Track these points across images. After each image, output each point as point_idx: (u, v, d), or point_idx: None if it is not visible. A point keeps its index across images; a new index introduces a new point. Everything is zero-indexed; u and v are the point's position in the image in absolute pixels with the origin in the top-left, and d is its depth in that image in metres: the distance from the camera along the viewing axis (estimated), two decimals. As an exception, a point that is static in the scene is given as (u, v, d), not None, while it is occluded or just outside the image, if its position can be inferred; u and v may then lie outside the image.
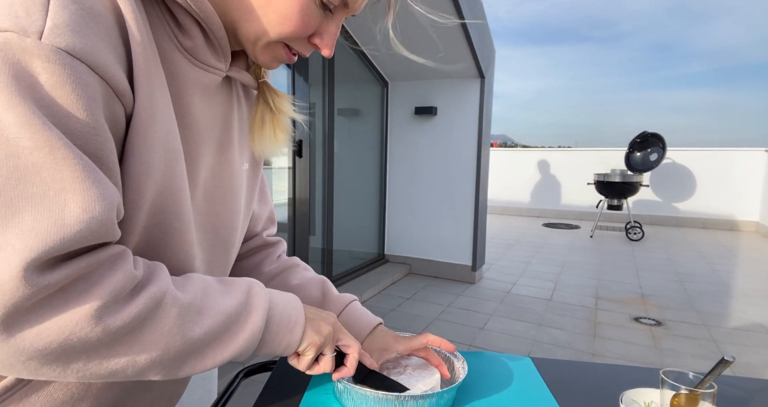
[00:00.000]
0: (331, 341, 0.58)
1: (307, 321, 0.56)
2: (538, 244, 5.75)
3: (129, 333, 0.40)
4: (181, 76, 0.49)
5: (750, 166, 7.10)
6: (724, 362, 0.59)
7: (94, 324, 0.38)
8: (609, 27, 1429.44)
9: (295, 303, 0.56)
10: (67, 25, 0.37)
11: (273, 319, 0.52)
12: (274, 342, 0.53)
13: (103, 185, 0.38)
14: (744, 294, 3.78)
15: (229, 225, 0.62)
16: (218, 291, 0.49)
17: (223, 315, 0.47)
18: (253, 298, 0.51)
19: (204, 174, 0.56)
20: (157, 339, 0.42)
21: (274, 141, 0.63)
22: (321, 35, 0.54)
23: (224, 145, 0.58)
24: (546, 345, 2.71)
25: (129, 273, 0.40)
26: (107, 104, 0.40)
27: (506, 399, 0.69)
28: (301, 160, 3.05)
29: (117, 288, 0.39)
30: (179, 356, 0.44)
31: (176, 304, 0.44)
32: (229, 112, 0.59)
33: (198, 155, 0.53)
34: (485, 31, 3.63)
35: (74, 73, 0.37)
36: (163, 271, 0.45)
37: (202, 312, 0.46)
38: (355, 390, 0.63)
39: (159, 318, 0.42)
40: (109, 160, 0.40)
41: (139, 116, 0.42)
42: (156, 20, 0.47)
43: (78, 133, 0.37)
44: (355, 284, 3.61)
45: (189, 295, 0.46)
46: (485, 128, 3.87)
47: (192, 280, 0.48)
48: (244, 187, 0.65)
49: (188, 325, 0.44)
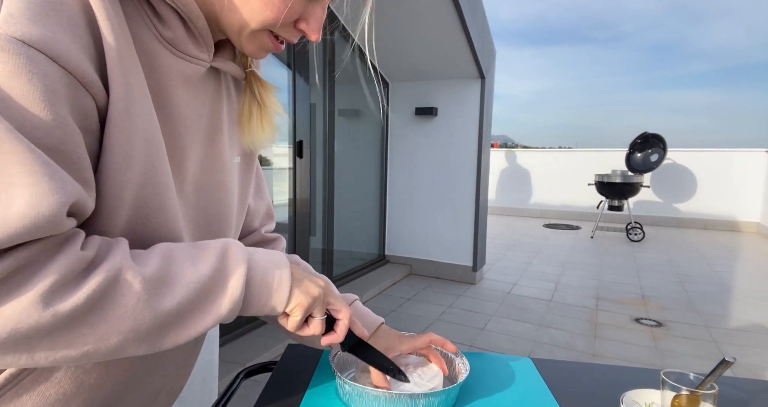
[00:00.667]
0: (321, 303, 0.55)
1: (293, 281, 0.52)
2: (538, 245, 5.75)
3: (87, 314, 0.39)
4: (162, 66, 0.48)
5: (751, 167, 7.10)
6: (724, 363, 0.59)
7: (41, 310, 0.36)
8: (609, 27, 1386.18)
9: (279, 262, 0.52)
10: (23, 13, 0.36)
11: (254, 280, 0.49)
12: (258, 303, 0.50)
13: (56, 180, 0.36)
14: (745, 295, 3.77)
15: (222, 219, 0.61)
16: (188, 258, 0.46)
17: (196, 283, 0.45)
18: (229, 260, 0.48)
19: (192, 168, 0.55)
20: (123, 316, 0.41)
21: (261, 131, 0.62)
22: (307, 20, 0.52)
23: (213, 137, 0.57)
24: (546, 346, 2.71)
25: (75, 254, 0.39)
26: (72, 96, 0.39)
27: (507, 400, 0.69)
28: (302, 160, 3.05)
29: (62, 271, 0.37)
30: (154, 329, 0.43)
31: (137, 279, 0.41)
32: (217, 104, 0.58)
33: (184, 148, 0.52)
34: (485, 31, 3.64)
35: (30, 62, 0.35)
36: (119, 247, 0.43)
37: (170, 283, 0.43)
38: (366, 392, 0.63)
39: (119, 295, 0.40)
40: (74, 153, 0.39)
41: (116, 107, 0.41)
42: (133, 11, 0.46)
43: (36, 125, 0.36)
44: (355, 285, 3.61)
45: (151, 268, 0.43)
46: (486, 129, 3.87)
47: (156, 251, 0.45)
48: (236, 181, 0.64)
49: (156, 299, 0.42)
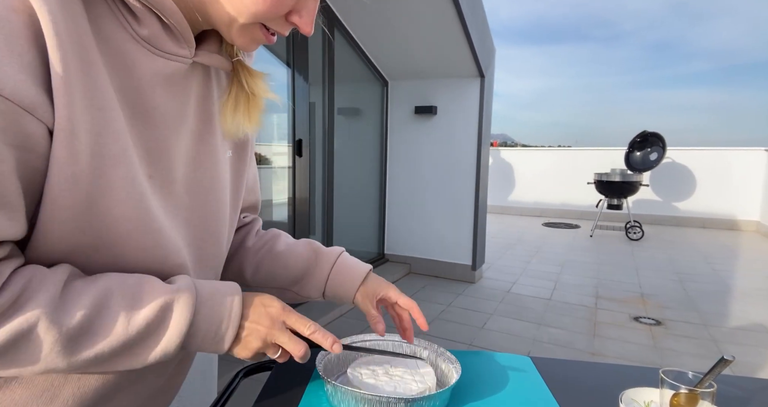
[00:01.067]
0: (266, 349, 0.56)
1: (236, 340, 0.53)
2: (538, 244, 5.76)
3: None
4: (140, 67, 0.46)
5: (750, 166, 7.10)
6: (723, 361, 0.59)
7: None
8: (609, 26, 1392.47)
9: (223, 317, 0.52)
10: None
11: (197, 333, 0.50)
12: (198, 349, 0.52)
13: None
14: (744, 293, 3.78)
15: (218, 216, 0.60)
16: (124, 305, 0.45)
17: (122, 336, 0.45)
18: (173, 317, 0.48)
19: (182, 168, 0.54)
20: (34, 361, 0.42)
21: (248, 122, 0.60)
22: (299, 12, 0.50)
23: (204, 136, 0.56)
24: (546, 345, 2.71)
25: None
26: (9, 121, 0.37)
27: (506, 399, 0.69)
28: (301, 159, 3.05)
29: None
30: (72, 369, 0.44)
31: (51, 331, 0.41)
32: (206, 100, 0.56)
33: (169, 149, 0.51)
34: (485, 30, 3.63)
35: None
36: (46, 289, 0.42)
37: (92, 334, 0.43)
38: (342, 391, 0.63)
39: (31, 345, 0.41)
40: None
41: (60, 127, 0.40)
42: (105, 10, 0.44)
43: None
44: (355, 283, 3.61)
45: (75, 319, 0.42)
46: (485, 127, 3.87)
47: (88, 294, 0.44)
48: (229, 176, 0.63)
49: (74, 348, 0.42)
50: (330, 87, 3.39)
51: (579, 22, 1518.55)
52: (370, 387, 0.65)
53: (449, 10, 2.99)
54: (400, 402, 0.61)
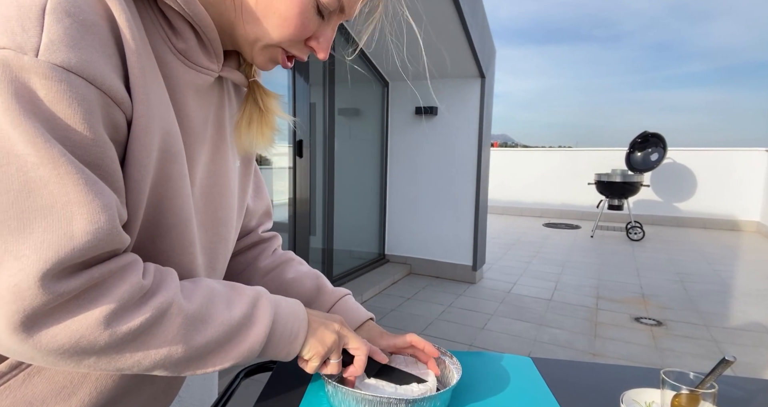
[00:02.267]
0: (337, 348, 0.60)
1: (310, 331, 0.58)
2: (538, 244, 5.75)
3: (135, 339, 0.43)
4: (175, 77, 0.50)
5: (751, 166, 7.10)
6: (724, 362, 0.58)
7: (102, 330, 0.40)
8: (610, 26, 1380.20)
9: (299, 313, 0.57)
10: (62, 40, 0.38)
11: (275, 331, 0.54)
12: (275, 351, 0.55)
13: (105, 195, 0.40)
14: (745, 294, 3.77)
15: (226, 221, 0.63)
16: (224, 300, 0.51)
17: (226, 326, 0.49)
18: (258, 310, 0.53)
19: (200, 173, 0.57)
20: (162, 345, 0.45)
21: (261, 138, 0.64)
22: (317, 39, 0.55)
23: (218, 144, 0.59)
24: (546, 345, 2.71)
25: (137, 283, 0.43)
26: (107, 114, 0.41)
27: (506, 400, 0.69)
28: (302, 160, 3.05)
29: (125, 297, 0.42)
30: (182, 361, 0.47)
31: (181, 314, 0.46)
32: (221, 111, 0.60)
33: (194, 154, 0.54)
34: (485, 30, 3.63)
35: (71, 87, 0.38)
36: (172, 280, 0.47)
37: (206, 322, 0.48)
38: (343, 392, 0.62)
39: (164, 326, 0.44)
40: (110, 167, 0.42)
41: (137, 123, 0.44)
42: (149, 23, 0.48)
43: (78, 145, 0.39)
44: (355, 284, 3.61)
45: (194, 305, 0.47)
46: (486, 128, 3.87)
47: (200, 288, 0.50)
48: (237, 184, 0.66)
49: (191, 334, 0.46)
50: (330, 87, 3.39)
51: (579, 23, 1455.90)
52: (371, 388, 0.65)
53: (449, 11, 2.99)
54: (401, 402, 0.61)
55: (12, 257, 0.37)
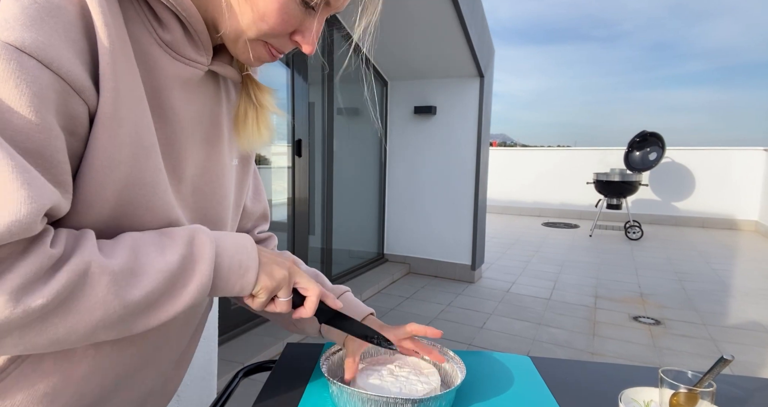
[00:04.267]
0: (287, 284, 0.56)
1: (260, 265, 0.54)
2: (537, 243, 5.76)
3: (58, 307, 0.40)
4: (160, 69, 0.49)
5: (749, 165, 7.11)
6: (723, 361, 0.59)
7: (12, 307, 0.37)
8: (609, 26, 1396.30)
9: (246, 246, 0.54)
10: (17, 19, 0.36)
11: (222, 266, 0.51)
12: (226, 287, 0.52)
13: (34, 186, 0.37)
14: (743, 293, 3.78)
15: (219, 220, 0.62)
16: (156, 248, 0.47)
17: (164, 272, 0.46)
18: (196, 248, 0.49)
19: (191, 170, 0.55)
20: (92, 307, 0.42)
21: (258, 135, 0.62)
22: (302, 33, 0.53)
23: (213, 141, 0.58)
24: (545, 345, 2.72)
25: (43, 253, 0.40)
26: (62, 101, 0.39)
27: (505, 399, 0.69)
28: (301, 159, 3.05)
29: (32, 269, 0.39)
30: (124, 317, 0.44)
31: (105, 272, 0.42)
32: (217, 107, 0.58)
33: (182, 150, 0.53)
34: (484, 30, 3.63)
35: (20, 68, 0.36)
36: (87, 240, 0.44)
37: (138, 274, 0.45)
38: (348, 392, 0.62)
39: (88, 288, 0.42)
40: (53, 157, 0.40)
41: (103, 112, 0.42)
42: (133, 14, 0.47)
43: (19, 130, 0.37)
44: (354, 283, 3.61)
45: (119, 259, 0.44)
46: (485, 127, 3.87)
47: (121, 242, 0.46)
48: (234, 183, 0.65)
49: (125, 289, 0.43)
50: (329, 87, 3.39)
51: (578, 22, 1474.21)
52: (376, 388, 0.65)
53: (449, 10, 2.99)
54: (407, 402, 0.61)
55: None
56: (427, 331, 0.72)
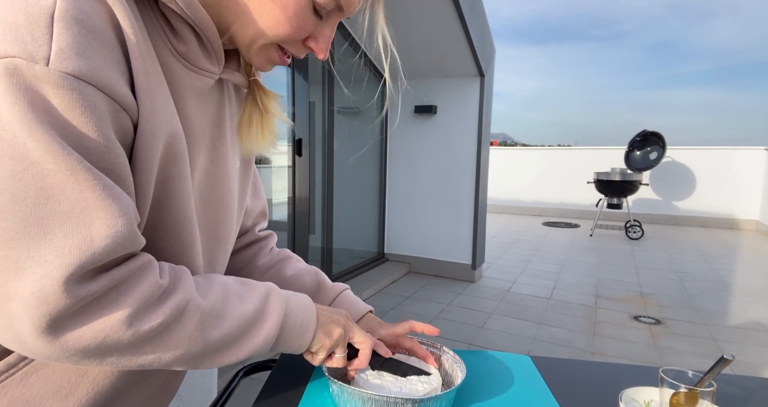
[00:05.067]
0: (342, 342, 0.61)
1: (318, 325, 0.59)
2: (537, 243, 5.76)
3: (156, 337, 0.44)
4: (176, 80, 0.50)
5: (750, 165, 7.10)
6: (723, 360, 0.59)
7: (125, 329, 0.42)
8: (609, 26, 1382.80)
9: (308, 307, 0.59)
10: (72, 48, 0.38)
11: (287, 325, 0.55)
12: (286, 344, 0.56)
13: (121, 200, 0.41)
14: (744, 292, 3.78)
15: (226, 223, 0.63)
16: (237, 296, 0.52)
17: (241, 320, 0.50)
18: (270, 305, 0.54)
19: (198, 175, 0.56)
20: (181, 341, 0.46)
21: (262, 140, 0.64)
22: (316, 39, 0.55)
23: (217, 145, 0.59)
24: (546, 344, 2.72)
25: (155, 282, 0.44)
26: (116, 119, 0.42)
27: (506, 398, 0.69)
28: (301, 158, 3.05)
29: (145, 296, 0.43)
30: (199, 355, 0.48)
31: (198, 311, 0.47)
32: (220, 112, 0.59)
33: (193, 156, 0.54)
34: (485, 29, 3.63)
35: (82, 95, 0.39)
36: (187, 278, 0.48)
37: (221, 317, 0.49)
38: (348, 392, 0.62)
39: (183, 323, 0.46)
40: (122, 172, 0.43)
41: (143, 126, 0.44)
42: (151, 26, 0.48)
43: (92, 152, 0.40)
44: (354, 283, 3.62)
45: (210, 301, 0.49)
46: (485, 127, 3.87)
47: (214, 285, 0.51)
48: (237, 185, 0.66)
49: (208, 329, 0.48)
50: (330, 86, 3.39)
51: (579, 22, 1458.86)
52: (377, 388, 0.65)
53: (449, 10, 2.99)
54: (407, 402, 0.61)
55: (35, 263, 0.37)
56: (425, 329, 0.74)
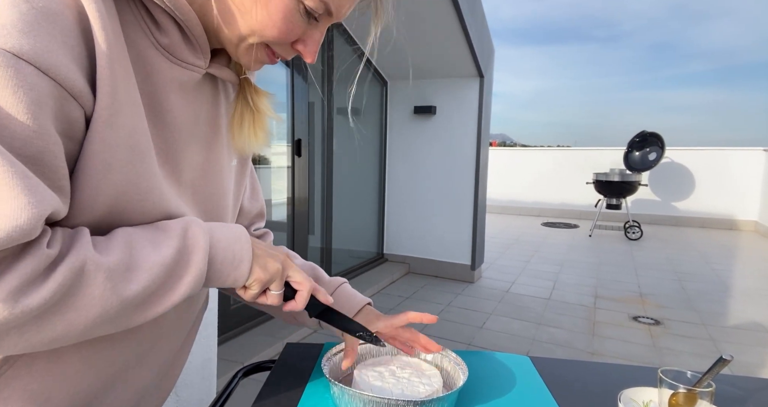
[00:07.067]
0: (279, 277, 0.57)
1: (254, 257, 0.54)
2: (537, 243, 5.76)
3: (56, 305, 0.41)
4: (157, 73, 0.49)
5: (749, 166, 7.11)
6: (722, 361, 0.59)
7: (11, 308, 0.38)
8: (609, 27, 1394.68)
9: (240, 237, 0.54)
10: (15, 25, 0.36)
11: (216, 258, 0.51)
12: (220, 278, 0.52)
13: (34, 192, 0.37)
14: (742, 293, 3.78)
15: (220, 221, 0.62)
16: (149, 243, 0.48)
17: (159, 265, 0.46)
18: (189, 240, 0.50)
19: (190, 173, 0.56)
20: (90, 303, 0.42)
21: (254, 138, 0.63)
22: (305, 42, 0.54)
23: (212, 143, 0.58)
24: (545, 344, 2.72)
25: (40, 253, 0.40)
26: (60, 106, 0.40)
27: (505, 399, 0.69)
28: (300, 159, 3.05)
29: (28, 270, 0.39)
30: (123, 312, 0.45)
31: (100, 268, 0.43)
32: (215, 110, 0.59)
33: (178, 152, 0.53)
34: (484, 30, 3.63)
35: (17, 75, 0.36)
36: (82, 238, 0.44)
37: (133, 269, 0.45)
38: (350, 393, 0.62)
39: (85, 286, 0.42)
40: (52, 163, 0.40)
41: (99, 116, 0.42)
42: (131, 17, 0.46)
43: (17, 136, 0.37)
44: (354, 283, 3.62)
45: (114, 256, 0.44)
46: (484, 127, 3.87)
47: (115, 239, 0.46)
48: (233, 184, 0.65)
49: (122, 285, 0.44)
50: (329, 86, 3.39)
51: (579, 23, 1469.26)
52: (378, 390, 0.65)
53: (449, 10, 2.99)
54: (409, 404, 0.61)
55: None
56: (423, 318, 0.74)
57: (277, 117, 0.66)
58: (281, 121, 0.76)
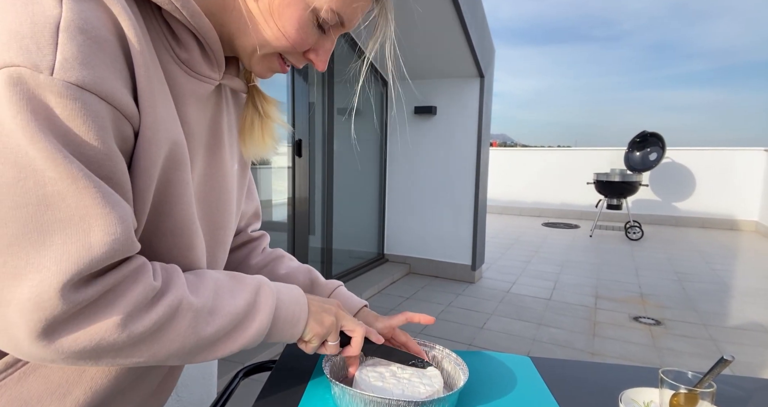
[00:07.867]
0: (335, 329, 0.63)
1: (310, 314, 0.60)
2: (537, 244, 5.76)
3: (150, 336, 0.45)
4: (177, 86, 0.51)
5: (749, 166, 7.11)
6: (723, 361, 0.59)
7: (120, 331, 0.43)
8: (609, 26, 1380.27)
9: (299, 298, 0.60)
10: (76, 58, 0.39)
11: (279, 317, 0.56)
12: (279, 335, 0.58)
13: (120, 207, 0.42)
14: (743, 293, 3.78)
15: (224, 225, 0.64)
16: (229, 291, 0.53)
17: (233, 315, 0.52)
18: (260, 297, 0.55)
19: (197, 179, 0.57)
20: (174, 339, 0.47)
21: (263, 144, 0.66)
22: (317, 51, 0.56)
23: (214, 149, 0.60)
24: (545, 345, 2.72)
25: (149, 284, 0.45)
26: (117, 128, 0.43)
27: (505, 399, 0.69)
28: (301, 159, 3.05)
29: (139, 299, 0.44)
30: (193, 350, 0.50)
31: (191, 309, 0.48)
32: (218, 116, 0.60)
33: (191, 161, 0.55)
34: (485, 30, 3.63)
35: (85, 105, 0.39)
36: (179, 277, 0.49)
37: (213, 313, 0.50)
38: (351, 394, 0.62)
39: (176, 322, 0.47)
40: (121, 180, 0.44)
41: (144, 134, 0.45)
42: (154, 34, 0.49)
43: (92, 160, 0.41)
44: (354, 283, 3.61)
45: (202, 299, 0.50)
46: (485, 127, 3.87)
47: (205, 281, 0.52)
48: (236, 187, 0.67)
49: (201, 326, 0.49)
50: (329, 87, 3.39)
51: (578, 23, 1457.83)
52: (379, 390, 0.65)
53: (449, 10, 2.99)
54: (410, 404, 0.61)
55: (34, 269, 0.38)
56: (421, 318, 0.77)
57: (285, 124, 0.69)
58: (289, 128, 0.80)
